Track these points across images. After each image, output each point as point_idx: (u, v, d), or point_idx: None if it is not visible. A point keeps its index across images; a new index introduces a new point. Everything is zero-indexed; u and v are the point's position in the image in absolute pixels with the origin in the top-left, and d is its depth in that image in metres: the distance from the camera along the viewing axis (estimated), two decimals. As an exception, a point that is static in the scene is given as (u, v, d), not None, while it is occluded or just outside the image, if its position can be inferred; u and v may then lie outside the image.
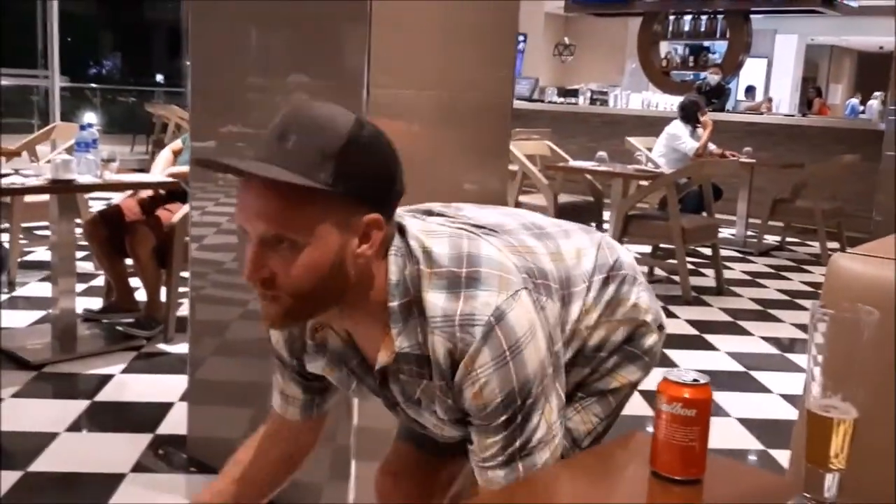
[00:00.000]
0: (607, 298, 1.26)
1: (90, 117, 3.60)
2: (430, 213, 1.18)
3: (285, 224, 0.97)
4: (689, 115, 6.35)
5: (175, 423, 2.81)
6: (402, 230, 1.07)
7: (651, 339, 1.31)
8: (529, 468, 1.07)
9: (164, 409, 2.95)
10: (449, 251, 1.06)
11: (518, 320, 1.03)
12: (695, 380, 0.98)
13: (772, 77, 14.27)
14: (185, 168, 3.48)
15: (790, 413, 3.25)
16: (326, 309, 1.05)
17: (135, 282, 3.86)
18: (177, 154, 4.03)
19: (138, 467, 2.52)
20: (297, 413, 1.28)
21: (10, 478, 2.41)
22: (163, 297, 3.75)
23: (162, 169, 3.90)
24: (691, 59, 10.70)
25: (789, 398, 3.40)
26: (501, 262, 1.07)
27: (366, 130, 1.01)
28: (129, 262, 3.78)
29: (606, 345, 1.27)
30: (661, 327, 1.34)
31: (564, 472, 1.05)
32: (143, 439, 2.70)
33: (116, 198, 3.92)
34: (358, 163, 0.99)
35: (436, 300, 1.03)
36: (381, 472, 1.54)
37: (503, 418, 1.04)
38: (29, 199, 4.30)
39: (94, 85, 14.28)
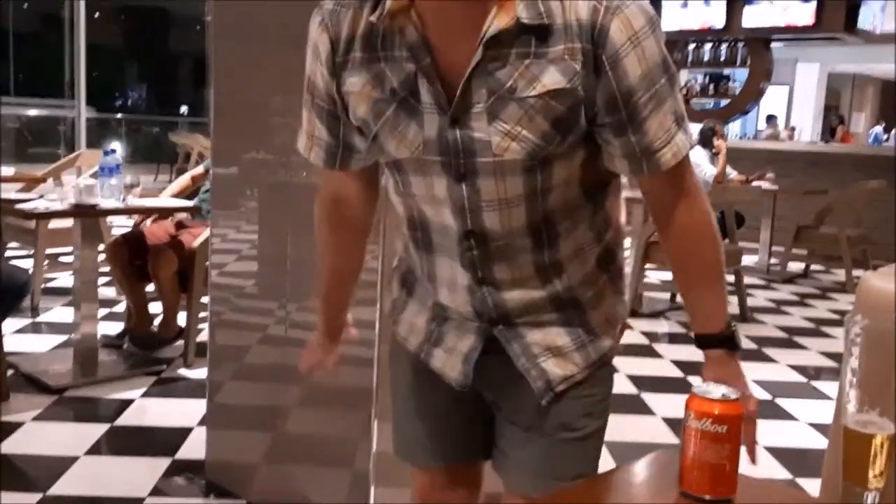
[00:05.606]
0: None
1: (115, 146, 3.64)
2: None
3: None
4: (705, 139, 6.33)
5: (194, 447, 2.80)
6: None
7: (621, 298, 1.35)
8: (691, 135, 1.15)
9: (183, 433, 2.94)
10: None
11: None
12: (724, 395, 0.95)
13: (793, 105, 14.20)
14: (182, 202, 3.72)
15: (818, 442, 3.18)
16: None
17: (154, 308, 3.87)
18: (196, 180, 4.06)
19: (157, 491, 2.50)
20: (322, 157, 1.24)
21: (30, 500, 2.40)
22: (181, 320, 3.76)
23: (170, 193, 3.95)
24: (711, 87, 10.69)
25: (817, 426, 3.33)
26: None
27: None
28: (149, 288, 3.80)
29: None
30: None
31: (590, 491, 1.02)
32: (162, 463, 2.69)
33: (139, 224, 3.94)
34: None
35: None
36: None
37: (664, 79, 1.10)
38: (53, 225, 4.34)
39: (119, 115, 14.50)
